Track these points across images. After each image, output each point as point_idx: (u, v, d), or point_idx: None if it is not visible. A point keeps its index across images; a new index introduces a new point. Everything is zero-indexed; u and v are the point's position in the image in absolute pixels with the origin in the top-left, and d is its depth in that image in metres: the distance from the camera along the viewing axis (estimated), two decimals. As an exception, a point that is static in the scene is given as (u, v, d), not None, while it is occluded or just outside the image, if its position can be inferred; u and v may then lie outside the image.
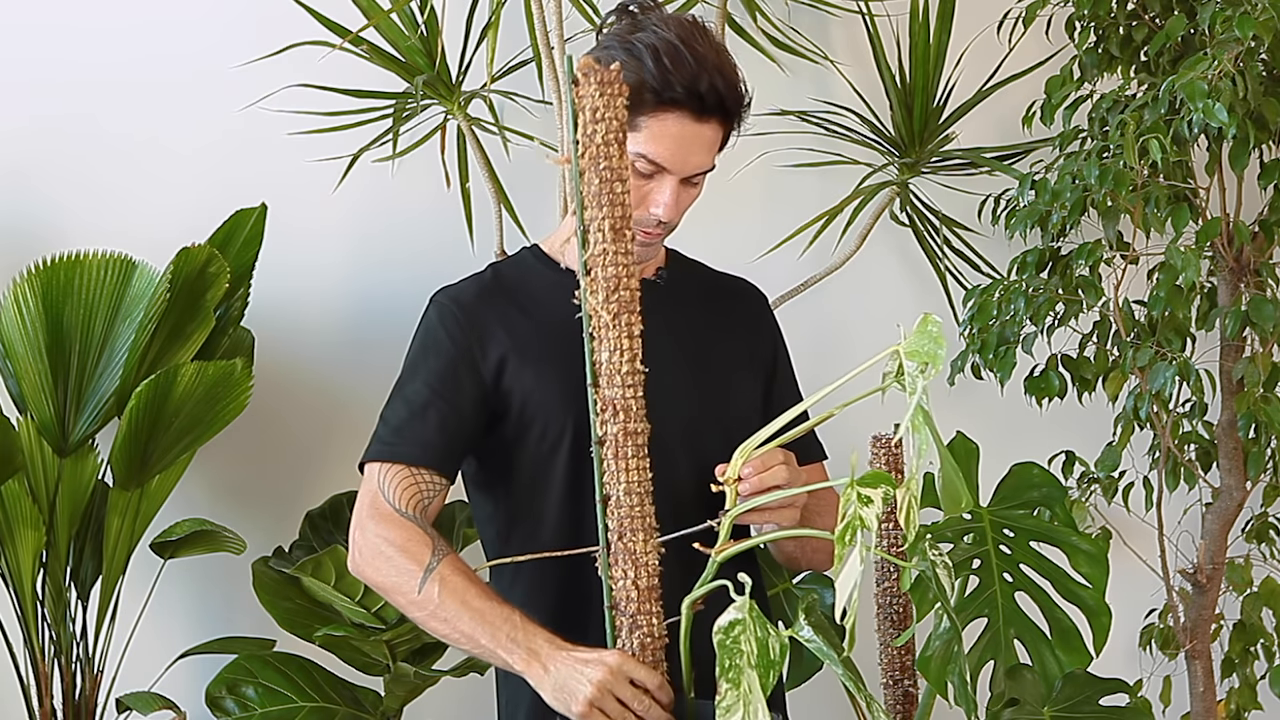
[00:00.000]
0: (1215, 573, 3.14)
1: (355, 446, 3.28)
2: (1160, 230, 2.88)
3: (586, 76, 1.80)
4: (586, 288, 1.84)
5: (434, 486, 2.04)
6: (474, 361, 2.07)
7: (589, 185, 1.81)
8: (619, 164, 1.81)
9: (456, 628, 1.94)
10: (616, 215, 1.81)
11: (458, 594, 1.94)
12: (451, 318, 2.11)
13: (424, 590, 1.94)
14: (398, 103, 3.05)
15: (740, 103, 2.02)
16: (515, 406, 2.07)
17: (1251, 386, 2.91)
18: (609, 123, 1.80)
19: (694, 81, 1.95)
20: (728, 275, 2.30)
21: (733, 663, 1.68)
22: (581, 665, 1.85)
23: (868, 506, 1.67)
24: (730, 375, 2.13)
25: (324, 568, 2.70)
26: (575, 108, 1.81)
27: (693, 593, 1.84)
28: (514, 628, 1.92)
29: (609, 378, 1.83)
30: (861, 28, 3.26)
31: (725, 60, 2.00)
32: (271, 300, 3.05)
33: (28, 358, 2.77)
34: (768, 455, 1.89)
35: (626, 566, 1.83)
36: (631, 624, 1.84)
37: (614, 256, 1.82)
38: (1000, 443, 2.71)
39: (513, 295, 2.13)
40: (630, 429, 1.83)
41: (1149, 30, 2.99)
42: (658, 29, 1.98)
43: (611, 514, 1.84)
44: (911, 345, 1.74)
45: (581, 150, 1.81)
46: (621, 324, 1.82)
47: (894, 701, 2.69)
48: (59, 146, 3.11)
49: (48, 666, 2.84)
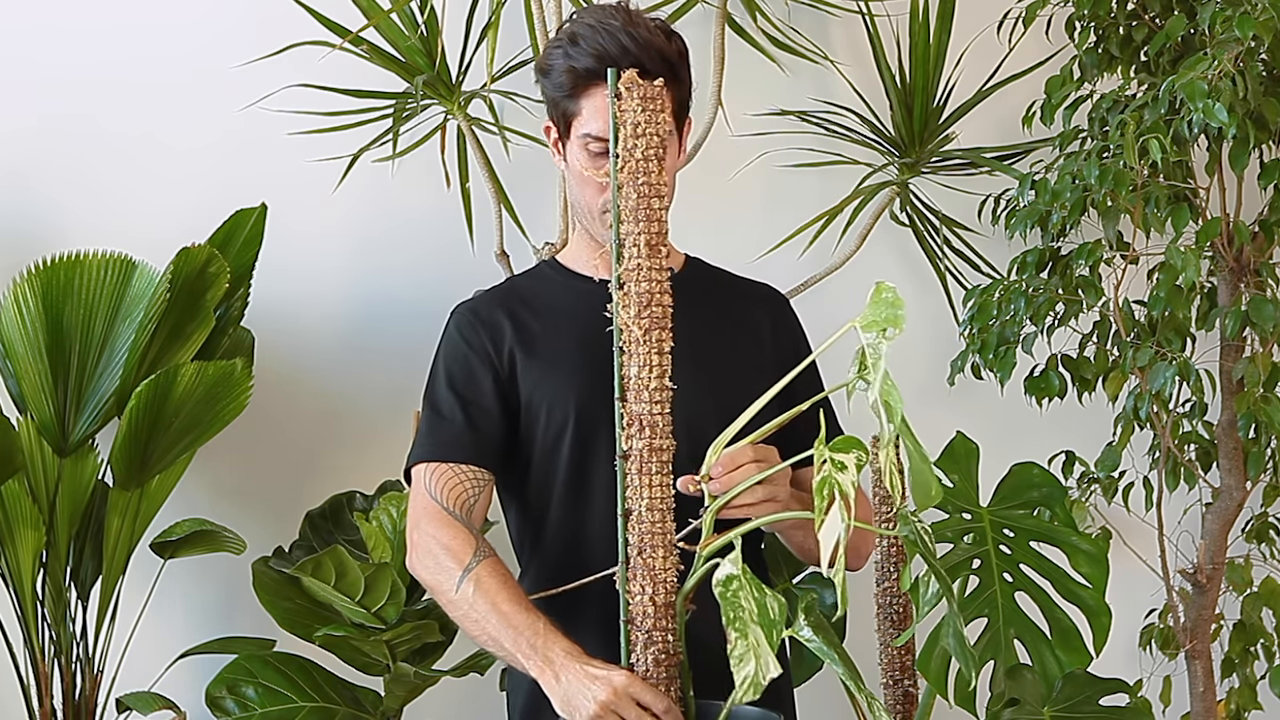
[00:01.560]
0: (1215, 573, 3.14)
1: (355, 446, 3.30)
2: (1160, 230, 2.88)
3: (629, 90, 1.80)
4: (619, 302, 1.84)
5: (477, 481, 2.10)
6: (489, 359, 2.14)
7: (626, 200, 1.82)
8: (657, 180, 1.83)
9: (484, 629, 2.00)
10: (653, 231, 1.82)
11: (489, 596, 1.99)
12: (467, 324, 2.18)
13: (460, 590, 2.00)
14: (398, 103, 3.05)
15: (667, 63, 2.03)
16: (524, 398, 2.13)
17: (1251, 386, 2.91)
18: (649, 138, 1.81)
19: (607, 52, 2.00)
20: (746, 279, 2.32)
21: (736, 614, 1.68)
22: (590, 682, 1.87)
23: (842, 472, 1.68)
24: (740, 378, 2.12)
25: (324, 568, 2.70)
26: (616, 121, 1.81)
27: (684, 586, 1.84)
28: (535, 634, 1.95)
29: (637, 393, 1.83)
30: (861, 28, 3.26)
31: (642, 28, 2.04)
32: (271, 300, 3.05)
33: (28, 358, 2.77)
34: (737, 453, 1.89)
35: (645, 582, 1.82)
36: (647, 639, 1.84)
37: (648, 272, 1.83)
38: (1000, 443, 2.71)
39: (525, 300, 2.20)
40: (655, 445, 1.83)
41: (1149, 30, 2.99)
42: (579, 19, 2.07)
43: (633, 529, 1.83)
44: (867, 317, 1.73)
45: (621, 165, 1.82)
46: (652, 340, 1.83)
47: (894, 701, 2.69)
48: (59, 146, 3.11)
49: (48, 666, 2.84)
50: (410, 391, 3.18)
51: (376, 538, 2.78)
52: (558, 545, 2.13)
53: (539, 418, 2.12)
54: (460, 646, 2.91)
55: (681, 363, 1.98)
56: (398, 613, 2.74)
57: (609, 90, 1.86)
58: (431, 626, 2.78)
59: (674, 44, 2.08)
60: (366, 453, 3.20)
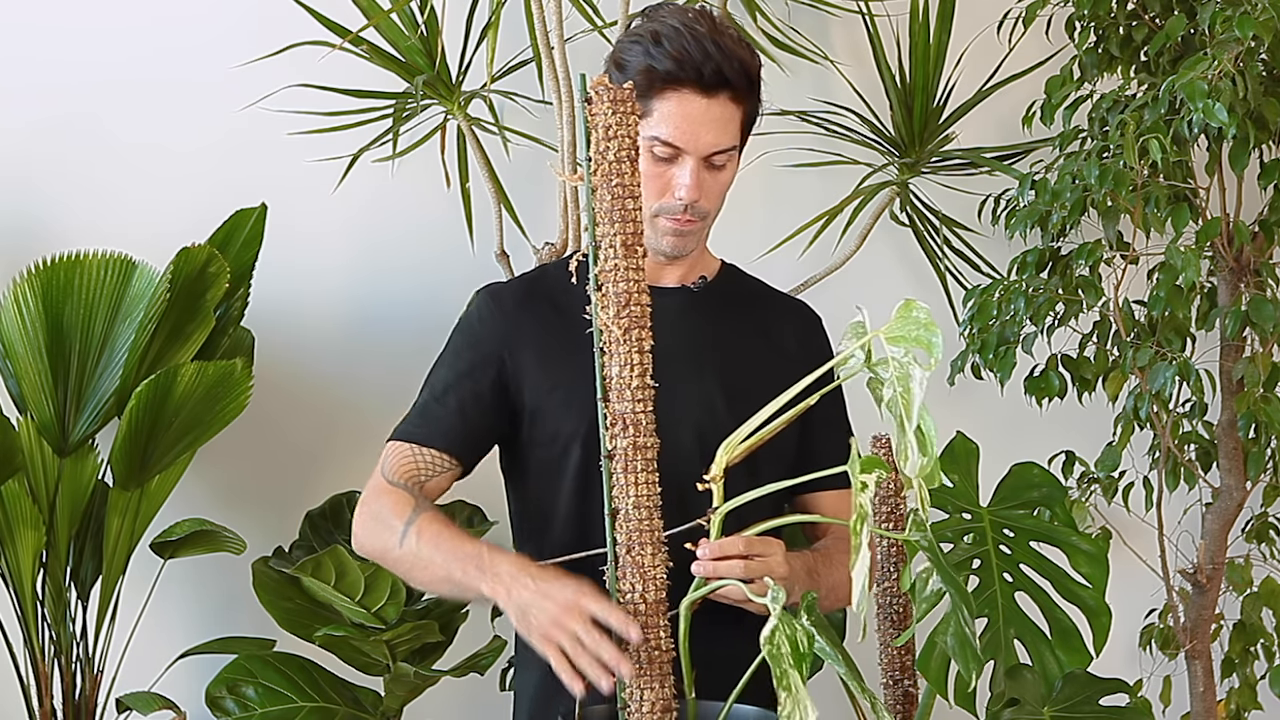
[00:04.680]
0: (1215, 573, 3.14)
1: (355, 446, 3.29)
2: (1160, 230, 2.88)
3: (599, 95, 1.80)
4: (598, 302, 1.83)
5: (435, 464, 2.08)
6: (501, 356, 2.10)
7: (601, 201, 1.82)
8: (631, 180, 1.81)
9: (433, 571, 1.97)
10: (628, 231, 1.81)
11: (432, 539, 1.97)
12: (488, 310, 2.15)
13: (404, 543, 1.98)
14: (398, 103, 3.05)
15: (747, 78, 2.03)
16: (530, 406, 2.09)
17: (1251, 386, 2.91)
18: (621, 140, 1.80)
19: (690, 57, 1.97)
20: (782, 294, 2.29)
21: (783, 670, 1.68)
22: (540, 598, 1.85)
23: (864, 492, 1.67)
24: (757, 389, 2.04)
25: (324, 568, 2.70)
26: (588, 125, 1.81)
27: (689, 594, 1.84)
28: (480, 557, 1.93)
29: (619, 392, 1.83)
30: (861, 28, 3.26)
31: (727, 38, 2.02)
32: (271, 300, 3.05)
33: (28, 358, 2.77)
34: (727, 543, 1.85)
35: (635, 580, 1.82)
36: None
37: (625, 272, 1.81)
38: (1000, 443, 2.71)
39: (552, 296, 2.14)
40: (640, 443, 1.83)
41: (1149, 30, 2.99)
42: (663, 18, 2.02)
43: (620, 527, 1.83)
44: (893, 330, 1.71)
45: (594, 167, 1.82)
46: (632, 339, 1.82)
47: (894, 701, 2.69)
48: (59, 147, 3.11)
49: (48, 666, 2.84)
50: (410, 391, 3.18)
51: (376, 538, 2.78)
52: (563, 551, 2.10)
53: (544, 428, 2.09)
54: (460, 646, 2.91)
55: (697, 369, 1.97)
56: (398, 613, 2.74)
57: (579, 96, 1.85)
58: (431, 626, 2.78)
59: (756, 59, 2.05)
60: (366, 453, 3.16)
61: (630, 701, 1.81)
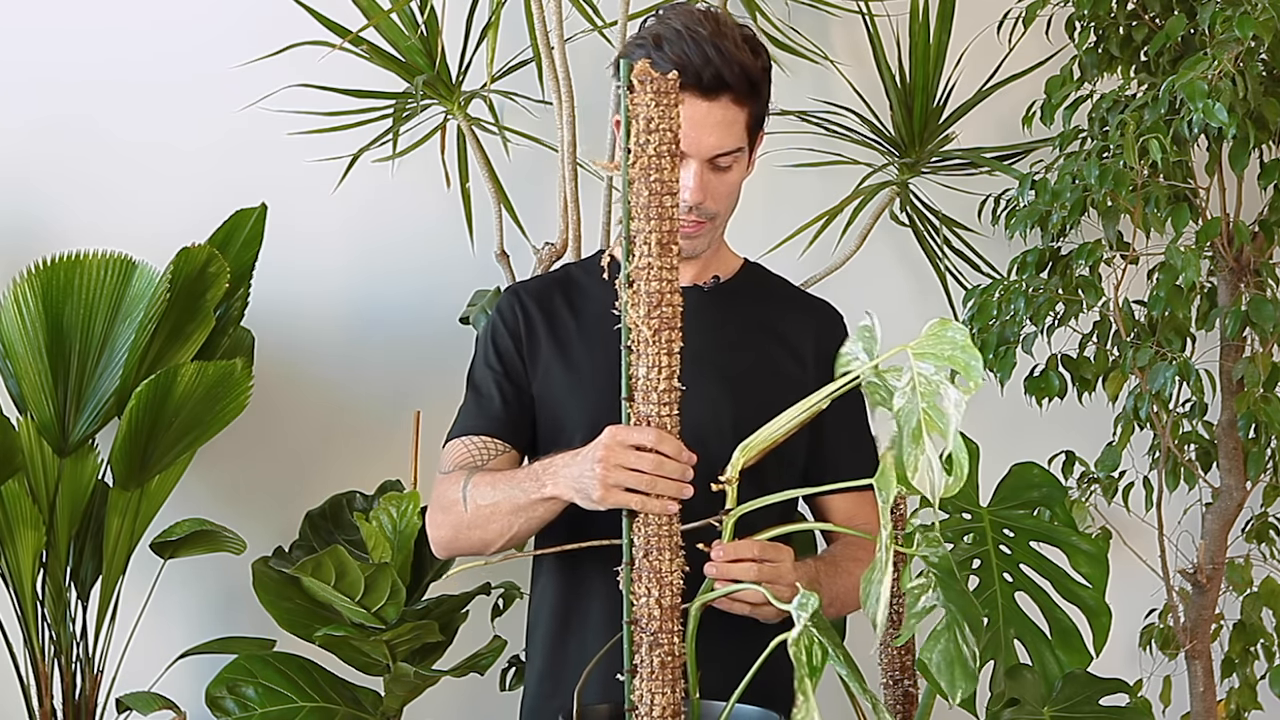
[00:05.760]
0: (1215, 573, 3.14)
1: (355, 446, 3.29)
2: (1160, 230, 2.88)
3: (642, 84, 1.74)
4: (628, 300, 1.79)
5: (486, 449, 2.11)
6: (521, 349, 2.14)
7: (638, 197, 1.76)
8: (670, 177, 1.76)
9: (501, 510, 1.98)
10: (664, 230, 1.76)
11: (488, 485, 2.00)
12: (509, 306, 2.18)
13: (468, 506, 2.00)
14: (398, 103, 3.05)
15: (749, 81, 2.02)
16: (541, 398, 2.12)
17: (1251, 386, 2.91)
18: (662, 134, 1.75)
19: (690, 61, 1.97)
20: (804, 293, 2.29)
21: (801, 676, 1.67)
22: (581, 459, 1.86)
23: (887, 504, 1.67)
24: (765, 391, 2.07)
25: (324, 568, 2.70)
26: (628, 114, 1.77)
27: (698, 597, 1.83)
28: (532, 471, 1.96)
29: (645, 394, 1.79)
30: (861, 28, 3.26)
31: (729, 40, 2.01)
32: (271, 300, 3.05)
33: (28, 358, 2.77)
34: (741, 546, 1.85)
35: (650, 584, 1.79)
36: (652, 641, 1.81)
37: (659, 271, 1.76)
38: (1000, 443, 2.70)
39: (570, 294, 2.18)
40: None
41: (1149, 30, 2.99)
42: (668, 21, 2.02)
43: (638, 530, 1.81)
44: (923, 347, 1.65)
45: (633, 160, 1.76)
46: (662, 340, 1.78)
47: (894, 701, 2.69)
48: (59, 147, 3.11)
49: (48, 666, 2.84)
50: (410, 391, 3.20)
51: (376, 538, 2.78)
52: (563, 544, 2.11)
53: (551, 421, 2.11)
54: (460, 646, 2.91)
55: (702, 370, 1.94)
56: (398, 613, 2.74)
57: (621, 82, 1.82)
58: (431, 626, 2.78)
59: (759, 60, 2.05)
60: (366, 453, 3.20)
61: (640, 705, 1.80)
